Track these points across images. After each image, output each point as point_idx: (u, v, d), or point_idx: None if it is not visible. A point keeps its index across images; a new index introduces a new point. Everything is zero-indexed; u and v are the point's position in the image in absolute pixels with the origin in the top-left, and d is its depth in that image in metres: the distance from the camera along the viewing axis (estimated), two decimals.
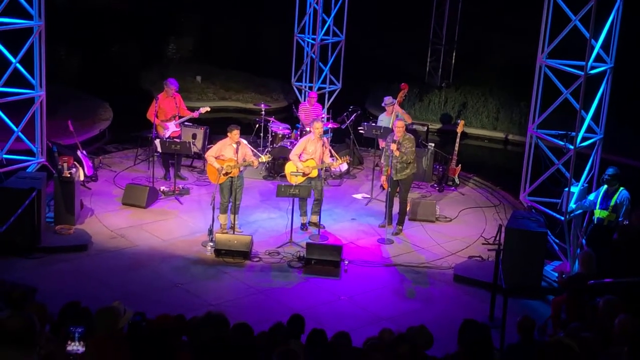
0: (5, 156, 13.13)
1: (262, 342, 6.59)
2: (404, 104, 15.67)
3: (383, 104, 15.29)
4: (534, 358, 6.14)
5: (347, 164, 14.83)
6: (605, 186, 11.68)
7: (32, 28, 12.91)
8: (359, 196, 15.03)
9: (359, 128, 15.41)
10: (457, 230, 13.81)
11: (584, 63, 11.44)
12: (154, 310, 8.04)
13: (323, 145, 13.03)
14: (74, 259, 12.07)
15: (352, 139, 16.33)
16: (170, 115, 14.85)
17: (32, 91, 13.20)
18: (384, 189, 13.94)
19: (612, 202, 11.56)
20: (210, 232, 12.55)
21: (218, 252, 12.25)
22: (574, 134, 11.69)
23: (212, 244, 12.39)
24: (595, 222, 11.78)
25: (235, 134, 12.69)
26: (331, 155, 13.27)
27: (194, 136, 15.55)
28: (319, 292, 11.51)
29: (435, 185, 15.59)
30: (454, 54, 23.02)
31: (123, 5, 24.48)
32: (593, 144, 12.12)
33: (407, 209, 13.64)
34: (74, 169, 13.17)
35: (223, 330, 5.78)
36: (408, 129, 13.75)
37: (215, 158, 12.72)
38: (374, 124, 15.14)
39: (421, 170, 15.33)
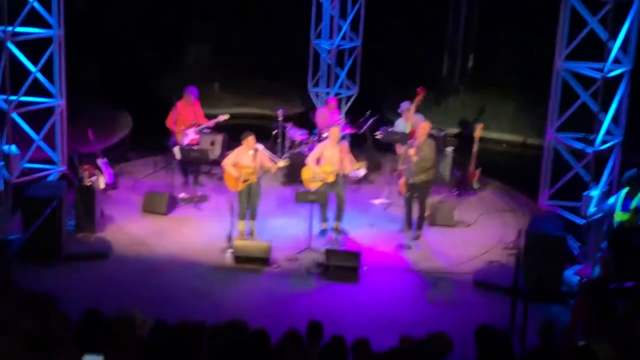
0: (26, 165, 13.24)
1: (279, 349, 6.59)
2: (421, 108, 15.66)
3: (400, 110, 15.25)
4: None
5: (365, 169, 14.78)
6: (626, 189, 11.61)
7: (52, 37, 13.01)
8: (377, 201, 15.01)
9: (377, 133, 15.39)
10: (476, 235, 13.76)
11: (602, 65, 11.40)
12: (173, 316, 8.08)
13: (341, 150, 13.02)
14: (95, 266, 12.15)
15: (370, 144, 16.32)
16: (189, 123, 14.90)
17: (52, 100, 13.31)
18: (402, 193, 13.92)
19: (633, 205, 11.47)
20: (229, 238, 12.59)
21: (237, 258, 12.29)
22: (593, 136, 11.65)
23: (231, 250, 12.42)
24: (616, 225, 11.71)
25: (250, 140, 12.73)
26: (350, 162, 13.22)
27: (212, 143, 15.61)
28: (337, 298, 11.51)
29: (454, 189, 15.54)
30: (471, 57, 22.96)
31: (142, 12, 24.59)
32: (612, 147, 12.07)
33: (426, 214, 13.61)
34: (95, 177, 13.25)
35: (241, 337, 5.80)
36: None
37: (233, 165, 12.76)
38: (391, 129, 15.12)
39: (439, 175, 15.28)
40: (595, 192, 11.85)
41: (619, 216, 11.63)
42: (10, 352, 6.01)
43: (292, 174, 15.50)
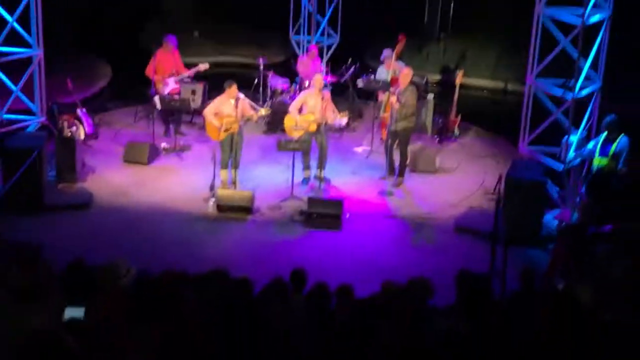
0: (5, 116, 13.14)
1: (262, 297, 6.66)
2: (403, 55, 15.61)
3: (382, 57, 15.21)
4: (537, 308, 6.22)
5: (347, 117, 14.76)
6: (605, 133, 11.69)
7: None
8: (359, 149, 15.04)
9: (358, 81, 15.36)
10: (457, 181, 13.85)
11: (582, 11, 11.38)
12: (157, 266, 8.12)
13: (323, 99, 13.00)
14: (77, 217, 12.14)
15: (351, 92, 16.28)
16: (169, 72, 14.81)
17: (29, 50, 13.16)
18: (383, 141, 13.96)
19: (612, 150, 11.57)
20: (212, 188, 12.62)
21: (220, 207, 12.32)
22: (572, 83, 11.69)
23: (213, 199, 12.46)
24: (595, 170, 11.82)
25: (232, 89, 12.69)
26: (332, 111, 13.22)
27: (193, 92, 15.49)
28: (321, 245, 11.60)
29: (435, 136, 15.59)
30: (452, 3, 22.80)
31: None
32: (592, 93, 12.12)
33: (408, 160, 13.67)
34: (75, 128, 13.21)
35: (224, 286, 5.85)
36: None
37: (214, 114, 12.73)
38: (372, 77, 15.09)
39: (421, 121, 15.31)
40: (574, 138, 11.93)
41: (598, 161, 11.73)
42: (2, 302, 6.05)
43: (275, 123, 15.48)
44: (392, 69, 14.69)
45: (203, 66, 15.11)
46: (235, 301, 6.34)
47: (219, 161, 12.80)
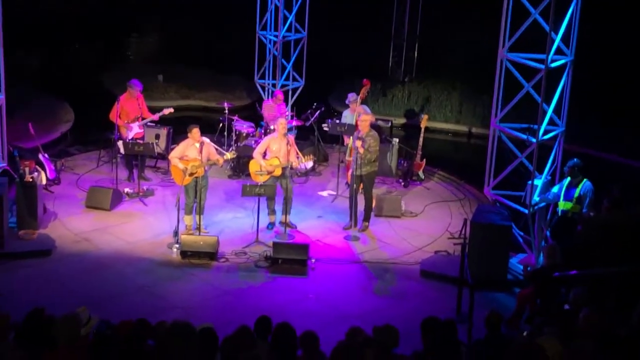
0: None
1: (227, 347, 6.52)
2: (367, 99, 15.69)
3: (347, 101, 15.26)
4: (503, 356, 6.15)
5: (312, 161, 14.78)
6: (569, 178, 11.77)
7: None
8: (324, 193, 15.01)
9: (323, 125, 15.38)
10: (423, 225, 13.84)
11: (544, 56, 11.51)
12: (120, 314, 7.95)
13: (288, 143, 12.97)
14: (38, 264, 11.89)
15: (317, 135, 16.30)
16: (133, 117, 14.72)
17: None
18: (349, 185, 13.93)
19: (576, 194, 11.64)
20: (176, 233, 12.47)
21: (184, 253, 12.16)
22: (536, 127, 11.77)
23: (177, 245, 12.30)
24: (560, 214, 11.87)
25: (195, 132, 12.62)
26: (297, 155, 13.23)
27: (157, 136, 15.42)
28: (286, 291, 11.47)
29: (400, 180, 15.61)
30: (416, 48, 23.06)
31: (81, 6, 24.22)
32: (555, 137, 12.21)
33: (373, 205, 13.64)
34: (36, 173, 13.00)
35: (189, 341, 5.71)
36: (372, 125, 13.73)
37: (179, 159, 12.64)
38: (338, 121, 15.12)
39: (386, 165, 15.34)
40: (538, 181, 11.98)
41: (562, 205, 11.79)
42: None
43: (239, 167, 15.43)
44: (357, 112, 14.73)
45: (167, 110, 15.08)
46: (200, 351, 6.19)
47: (183, 206, 12.67)
